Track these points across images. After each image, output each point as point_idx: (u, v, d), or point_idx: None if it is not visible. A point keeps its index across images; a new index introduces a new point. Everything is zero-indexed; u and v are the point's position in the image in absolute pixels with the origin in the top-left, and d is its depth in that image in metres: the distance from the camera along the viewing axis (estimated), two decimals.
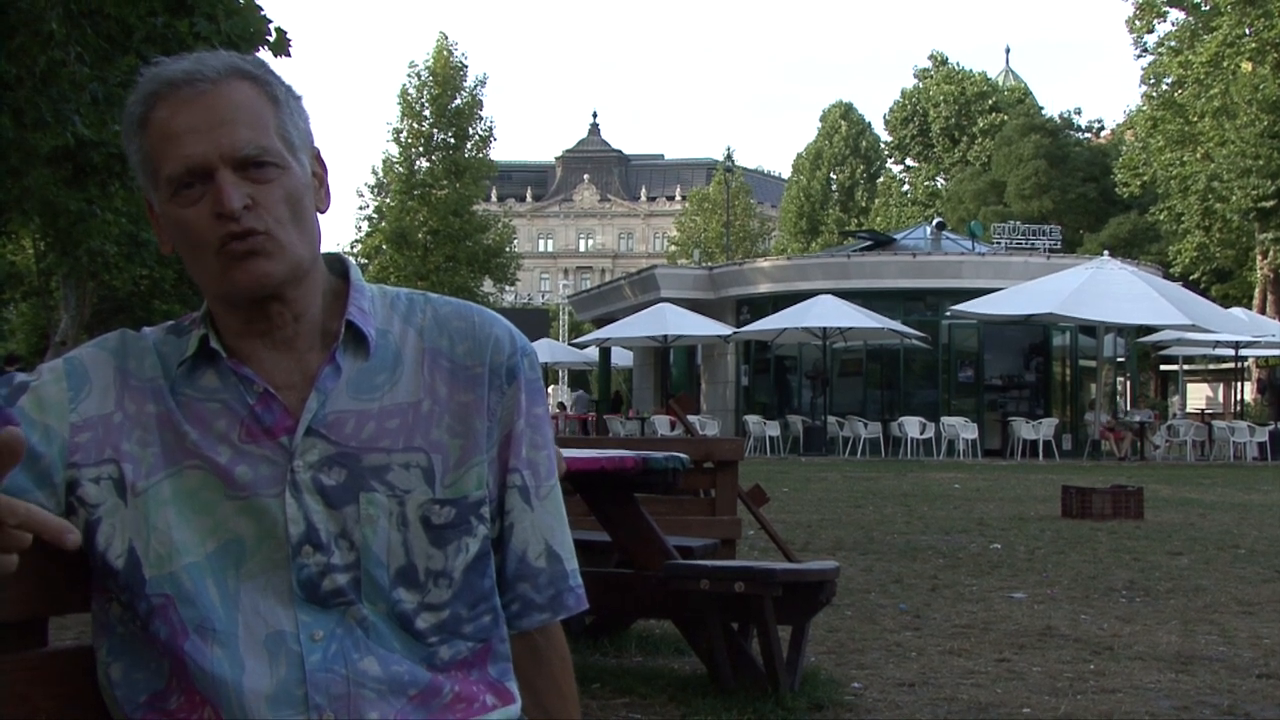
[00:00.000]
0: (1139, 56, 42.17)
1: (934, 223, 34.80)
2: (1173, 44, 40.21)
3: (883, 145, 66.07)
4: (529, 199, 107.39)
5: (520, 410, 1.50)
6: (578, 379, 51.67)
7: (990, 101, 58.52)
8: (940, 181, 59.77)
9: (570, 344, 41.50)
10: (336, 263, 1.52)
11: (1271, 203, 35.32)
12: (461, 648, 1.44)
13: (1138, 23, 41.27)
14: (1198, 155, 38.48)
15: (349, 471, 1.41)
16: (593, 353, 36.86)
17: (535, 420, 1.52)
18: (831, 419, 26.32)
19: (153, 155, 1.41)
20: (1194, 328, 23.84)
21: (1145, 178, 41.61)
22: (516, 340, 1.53)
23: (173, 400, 1.43)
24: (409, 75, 47.20)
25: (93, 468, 1.41)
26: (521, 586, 1.50)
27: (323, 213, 1.48)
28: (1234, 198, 35.81)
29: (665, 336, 28.29)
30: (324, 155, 1.51)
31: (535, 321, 45.20)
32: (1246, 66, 36.69)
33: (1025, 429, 24.78)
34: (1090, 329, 25.98)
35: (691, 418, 15.25)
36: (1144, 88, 42.24)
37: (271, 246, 1.39)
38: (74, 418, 1.42)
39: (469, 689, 1.44)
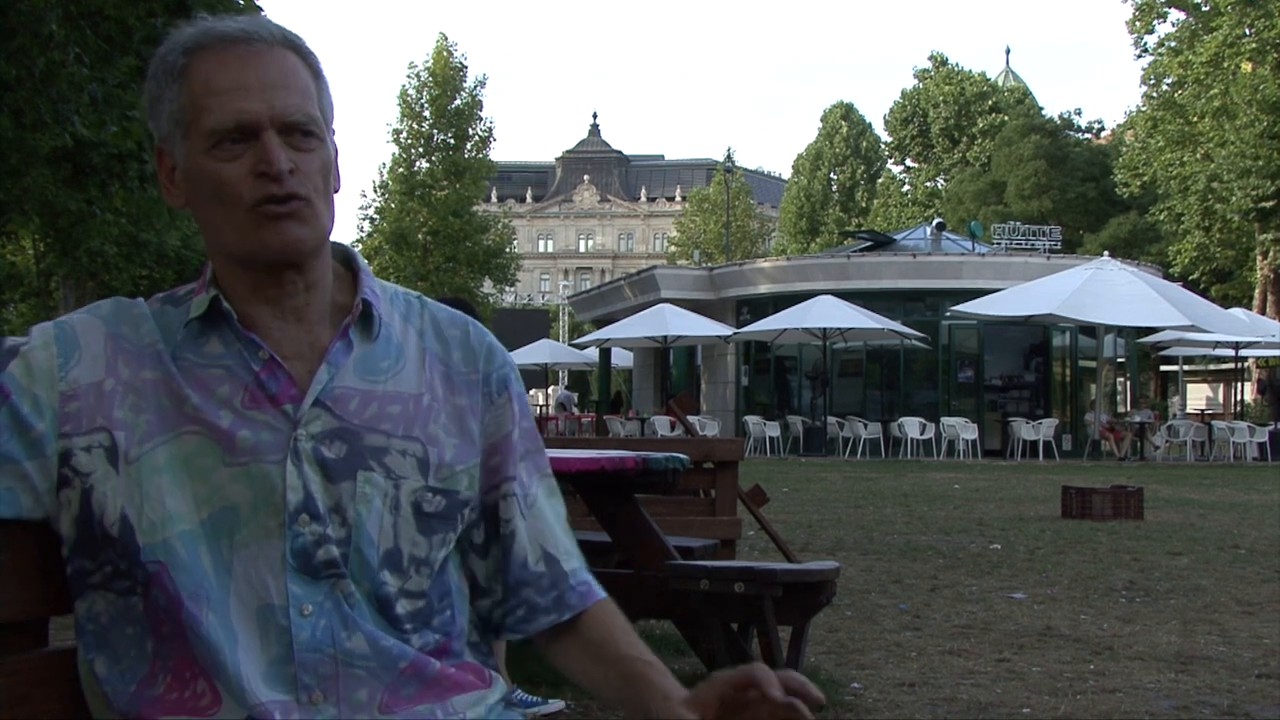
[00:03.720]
0: (1139, 57, 42.24)
1: (934, 223, 34.80)
2: (1173, 44, 40.22)
3: (883, 146, 66.05)
4: (529, 200, 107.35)
5: (513, 421, 1.54)
6: (578, 379, 51.66)
7: (990, 102, 58.50)
8: (940, 182, 59.74)
9: (570, 344, 41.49)
10: (337, 249, 1.54)
11: (1271, 203, 35.34)
12: (430, 639, 1.45)
13: (1138, 23, 41.27)
14: (1198, 155, 38.48)
15: (349, 448, 1.42)
16: (593, 353, 36.86)
17: (525, 432, 1.56)
18: (831, 419, 26.32)
19: (192, 105, 1.41)
20: (1194, 328, 23.83)
21: (1145, 178, 41.60)
22: (505, 354, 1.58)
23: (174, 365, 1.43)
24: (409, 76, 47.21)
25: (84, 436, 1.40)
26: (525, 592, 1.53)
27: (336, 192, 1.49)
28: (1234, 198, 35.82)
29: (665, 337, 28.29)
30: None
31: (535, 322, 45.27)
32: (1246, 67, 36.70)
33: (1025, 429, 24.78)
34: (1090, 329, 25.98)
35: (691, 418, 15.24)
36: (1144, 88, 42.31)
37: (308, 213, 1.42)
38: (63, 386, 1.41)
39: (448, 671, 1.45)
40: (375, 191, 47.14)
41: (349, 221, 75.77)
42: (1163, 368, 42.61)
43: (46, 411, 1.40)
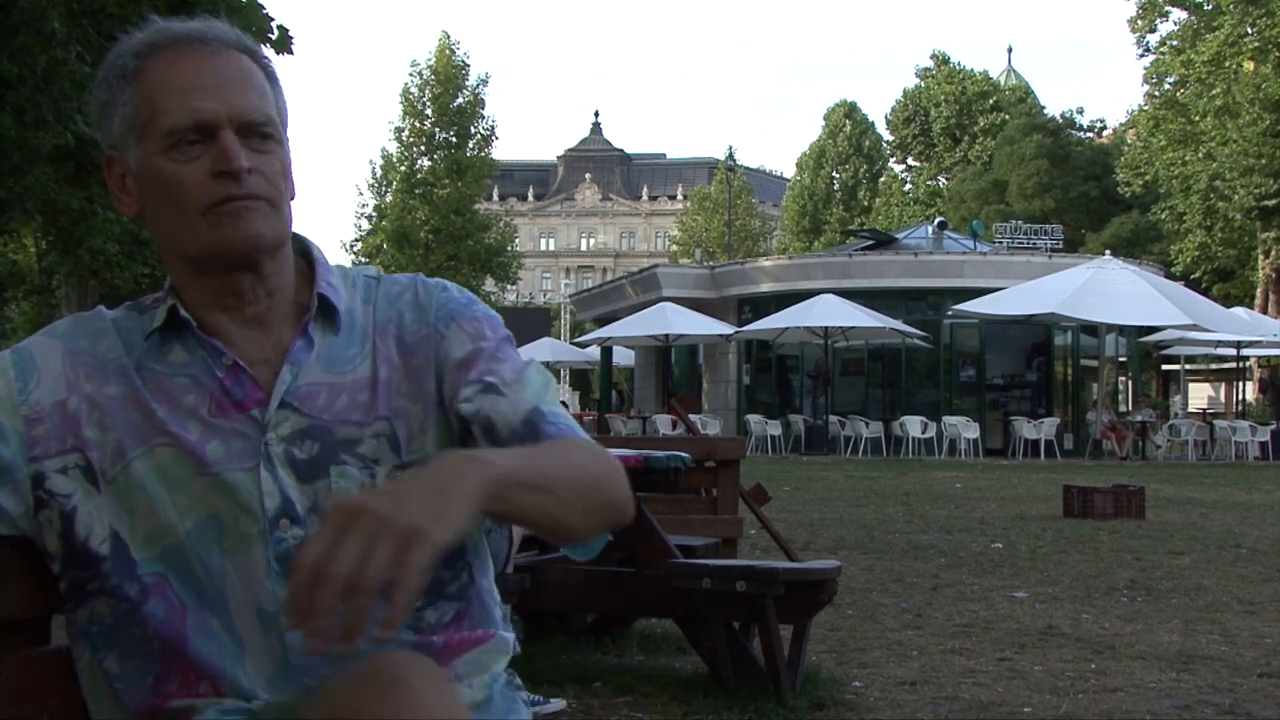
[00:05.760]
0: (1141, 56, 42.21)
1: (936, 222, 34.81)
2: (1175, 43, 40.18)
3: (885, 145, 66.00)
4: (531, 198, 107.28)
5: (466, 339, 1.48)
6: (579, 378, 51.66)
7: (992, 101, 58.45)
8: (942, 181, 59.71)
9: (572, 343, 41.47)
10: (296, 241, 1.52)
11: (1273, 202, 35.30)
12: (447, 609, 1.44)
13: (1140, 22, 41.24)
14: (1200, 154, 38.44)
15: (320, 445, 1.41)
16: (594, 352, 36.85)
17: (495, 344, 1.49)
18: (833, 418, 26.31)
19: (147, 106, 1.38)
20: (1195, 327, 23.82)
21: (1147, 177, 41.58)
22: (459, 299, 1.52)
23: (139, 378, 1.41)
24: (411, 74, 47.19)
25: (56, 458, 1.39)
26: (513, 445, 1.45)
27: (292, 199, 1.48)
28: (1236, 197, 35.80)
29: (667, 335, 28.29)
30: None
31: (537, 320, 45.18)
32: (1248, 66, 36.66)
33: (1027, 428, 24.77)
34: (1092, 328, 25.97)
35: (693, 417, 15.23)
36: (1146, 87, 42.29)
37: (270, 213, 1.40)
38: (26, 410, 1.40)
39: (455, 639, 1.45)
40: (371, 189, 47.18)
41: (349, 220, 75.77)
42: (1164, 367, 42.60)
43: (12, 437, 1.39)
